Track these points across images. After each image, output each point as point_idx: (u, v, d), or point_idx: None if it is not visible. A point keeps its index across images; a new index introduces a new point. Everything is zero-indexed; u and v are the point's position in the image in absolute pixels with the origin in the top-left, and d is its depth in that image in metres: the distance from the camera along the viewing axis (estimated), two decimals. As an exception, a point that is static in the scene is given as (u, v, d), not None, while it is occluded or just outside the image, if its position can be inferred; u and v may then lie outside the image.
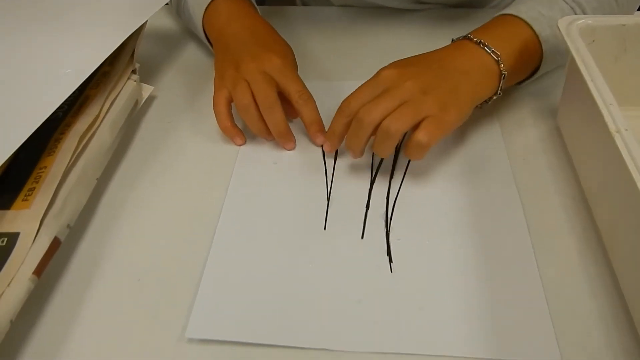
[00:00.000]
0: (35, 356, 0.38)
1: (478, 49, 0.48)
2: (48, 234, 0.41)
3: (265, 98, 0.49)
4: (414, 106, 0.44)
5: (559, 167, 0.49)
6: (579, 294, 0.40)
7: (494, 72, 0.48)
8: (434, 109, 0.43)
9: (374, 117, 0.44)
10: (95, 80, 0.54)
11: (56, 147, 0.47)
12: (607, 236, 0.41)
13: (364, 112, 0.44)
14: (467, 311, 0.39)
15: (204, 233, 0.45)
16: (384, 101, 0.44)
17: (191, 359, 0.38)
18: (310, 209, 0.47)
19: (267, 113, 0.50)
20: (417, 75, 0.46)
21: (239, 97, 0.50)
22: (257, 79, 0.49)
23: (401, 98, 0.44)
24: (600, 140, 0.40)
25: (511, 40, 0.49)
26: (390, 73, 0.46)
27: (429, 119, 0.43)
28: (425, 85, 0.45)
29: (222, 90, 0.52)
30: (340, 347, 0.38)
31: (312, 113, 0.51)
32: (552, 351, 0.36)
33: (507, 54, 0.48)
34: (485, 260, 0.42)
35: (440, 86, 0.45)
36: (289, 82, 0.51)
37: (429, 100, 0.44)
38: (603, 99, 0.38)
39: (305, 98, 0.51)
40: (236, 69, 0.51)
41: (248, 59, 0.51)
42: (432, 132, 0.43)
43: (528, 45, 0.49)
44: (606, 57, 0.46)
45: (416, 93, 0.44)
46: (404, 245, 0.44)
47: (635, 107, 0.48)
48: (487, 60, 0.48)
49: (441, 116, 0.44)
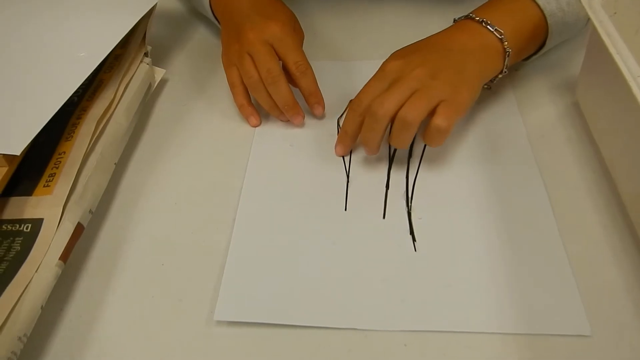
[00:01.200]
0: (65, 341, 0.38)
1: (480, 27, 0.47)
2: (71, 219, 0.41)
3: (268, 73, 0.48)
4: (427, 92, 0.43)
5: (579, 142, 0.49)
6: (605, 267, 0.40)
7: (498, 51, 0.47)
8: (446, 92, 0.43)
9: (388, 108, 0.43)
10: (108, 64, 0.53)
11: (74, 132, 0.46)
12: (634, 207, 0.41)
13: (377, 104, 0.43)
14: (494, 287, 0.39)
15: (224, 215, 0.45)
16: (396, 92, 0.43)
17: (220, 341, 0.38)
18: (330, 190, 0.47)
19: (271, 88, 0.49)
20: (423, 61, 0.45)
21: (246, 74, 0.49)
22: (259, 50, 0.49)
23: (412, 86, 0.43)
24: (627, 113, 0.40)
25: (515, 17, 0.48)
26: (395, 64, 0.46)
27: (443, 103, 0.43)
28: (433, 70, 0.44)
29: (231, 67, 0.51)
30: (368, 326, 0.38)
31: (310, 84, 0.50)
32: (581, 324, 0.37)
33: (510, 31, 0.47)
34: (509, 237, 0.42)
35: (448, 68, 0.44)
36: (287, 52, 0.50)
37: (439, 85, 0.43)
38: (630, 71, 0.38)
39: (302, 69, 0.50)
40: (238, 42, 0.50)
41: (247, 28, 0.50)
42: (449, 116, 0.42)
43: (533, 21, 0.48)
44: (627, 29, 0.45)
45: (426, 79, 0.43)
46: (426, 224, 0.44)
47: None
48: (490, 38, 0.47)
49: (455, 98, 0.43)
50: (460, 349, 0.36)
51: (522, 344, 0.36)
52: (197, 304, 0.40)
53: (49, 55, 0.48)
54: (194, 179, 0.49)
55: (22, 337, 0.34)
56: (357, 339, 0.37)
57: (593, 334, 0.36)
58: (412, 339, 0.37)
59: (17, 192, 0.42)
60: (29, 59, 0.48)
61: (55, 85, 0.45)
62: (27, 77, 0.46)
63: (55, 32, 0.50)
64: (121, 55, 0.54)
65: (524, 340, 0.36)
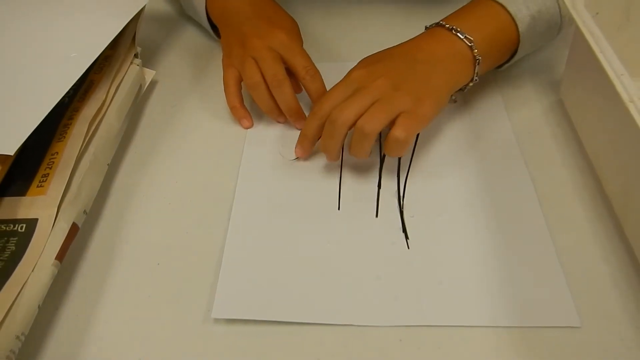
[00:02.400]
0: (62, 340, 0.38)
1: (450, 35, 0.47)
2: (66, 219, 0.40)
3: (273, 76, 0.49)
4: (387, 103, 0.43)
5: (564, 139, 0.50)
6: (592, 259, 0.41)
7: (467, 58, 0.47)
8: (407, 103, 0.43)
9: (347, 117, 0.43)
10: (98, 65, 0.53)
11: (66, 133, 0.46)
12: (619, 202, 0.42)
13: (337, 112, 0.43)
14: (486, 282, 0.40)
15: (219, 214, 0.46)
16: (356, 100, 0.44)
17: (218, 339, 0.38)
18: (323, 189, 0.47)
19: (276, 91, 0.49)
20: (386, 71, 0.45)
21: (248, 76, 0.50)
22: (265, 56, 0.49)
23: (373, 96, 0.43)
24: (610, 110, 0.41)
25: (485, 24, 0.48)
26: (360, 73, 0.46)
27: (403, 115, 0.43)
28: (396, 81, 0.44)
29: (230, 69, 0.52)
30: (363, 322, 0.38)
31: (319, 88, 0.51)
32: (571, 316, 0.38)
33: (481, 38, 0.47)
34: (499, 233, 0.43)
35: (412, 79, 0.44)
36: (295, 57, 0.50)
37: (401, 96, 0.43)
38: (614, 69, 0.39)
39: (312, 73, 0.50)
40: (242, 46, 0.51)
41: (253, 35, 0.50)
42: (408, 127, 0.42)
43: (503, 28, 0.48)
44: (609, 28, 0.46)
45: (387, 90, 0.43)
46: (418, 222, 0.45)
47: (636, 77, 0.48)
48: (459, 46, 0.47)
49: (415, 110, 0.43)
50: (455, 342, 0.37)
51: (515, 337, 0.37)
52: (193, 302, 0.40)
53: (40, 56, 0.48)
54: (187, 180, 0.49)
55: (20, 335, 0.34)
56: (353, 335, 0.38)
57: (583, 325, 0.37)
58: (407, 334, 0.38)
59: (10, 192, 0.42)
60: (20, 59, 0.47)
61: (47, 85, 0.45)
62: (18, 78, 0.46)
63: (45, 33, 0.50)
64: (111, 57, 0.54)
65: (517, 332, 0.37)
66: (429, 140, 0.50)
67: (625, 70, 0.39)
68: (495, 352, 0.36)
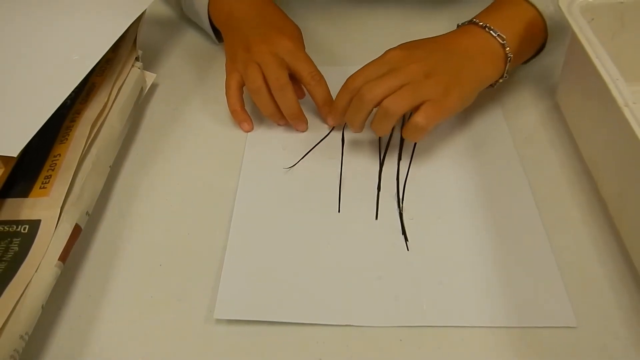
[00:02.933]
0: (65, 340, 0.39)
1: (484, 32, 0.49)
2: (69, 220, 0.41)
3: (276, 80, 0.49)
4: (415, 88, 0.44)
5: (560, 143, 0.51)
6: (588, 261, 0.42)
7: (499, 56, 0.48)
8: (435, 92, 0.44)
9: (376, 95, 0.45)
10: (99, 68, 0.54)
11: (68, 135, 0.46)
12: (614, 205, 0.43)
13: (367, 89, 0.45)
14: (484, 283, 0.41)
15: (220, 216, 0.46)
16: (387, 80, 0.45)
17: (220, 339, 0.38)
18: (323, 192, 0.48)
19: (279, 95, 0.50)
20: (422, 58, 0.46)
21: (251, 79, 0.50)
22: (269, 61, 0.50)
23: (404, 79, 0.45)
24: (606, 114, 0.42)
25: (516, 22, 0.49)
26: (396, 54, 0.47)
27: (429, 103, 0.44)
28: (429, 69, 0.45)
29: (233, 73, 0.52)
30: (364, 323, 0.39)
31: (324, 93, 0.52)
32: (567, 316, 0.38)
33: (512, 36, 0.48)
34: (497, 235, 0.44)
35: (444, 70, 0.46)
36: (300, 63, 0.51)
37: (430, 84, 0.44)
38: (610, 74, 0.40)
39: (317, 79, 0.51)
40: (247, 51, 0.51)
41: (259, 40, 0.51)
42: (430, 116, 0.44)
43: (533, 25, 0.50)
44: (604, 34, 0.47)
45: (419, 76, 0.45)
46: (418, 224, 0.45)
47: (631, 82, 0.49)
48: (492, 44, 0.48)
49: (442, 100, 0.44)
50: (455, 342, 0.38)
51: (513, 337, 0.38)
52: (196, 303, 0.40)
53: (42, 58, 0.48)
54: (188, 182, 0.49)
55: (24, 335, 0.35)
56: (355, 335, 0.38)
57: (579, 325, 0.38)
58: (408, 334, 0.38)
59: (13, 193, 0.42)
60: (23, 61, 0.48)
61: (49, 88, 0.46)
62: (21, 80, 0.46)
63: (48, 36, 0.50)
64: (112, 59, 0.54)
65: (515, 332, 0.38)
66: (428, 144, 0.51)
67: (620, 75, 0.40)
68: (494, 351, 0.37)
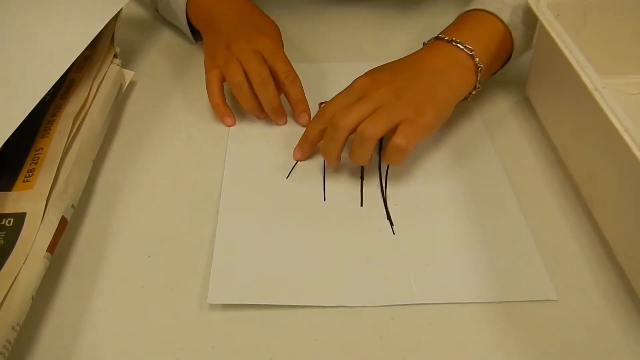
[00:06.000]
0: (56, 331, 0.38)
1: (451, 46, 0.49)
2: (55, 213, 0.40)
3: (258, 75, 0.50)
4: (388, 110, 0.44)
5: (532, 132, 0.53)
6: (564, 239, 0.44)
7: (470, 67, 0.49)
8: (408, 112, 0.44)
9: (349, 122, 0.44)
10: (78, 64, 0.53)
11: (50, 129, 0.46)
12: (585, 187, 0.45)
13: (339, 116, 0.44)
14: (469, 263, 0.42)
15: (207, 208, 0.46)
16: (359, 106, 0.45)
17: (214, 325, 0.39)
18: (307, 182, 0.49)
19: (260, 89, 0.51)
20: (390, 81, 0.46)
21: (232, 74, 0.51)
22: (250, 57, 0.51)
23: (375, 103, 0.45)
24: (576, 100, 0.45)
25: (482, 34, 0.50)
26: (363, 81, 0.47)
27: (405, 123, 0.44)
28: (399, 90, 0.45)
29: (213, 69, 0.53)
30: (357, 303, 0.40)
31: (298, 92, 0.53)
32: (548, 290, 0.40)
33: (480, 47, 0.49)
34: (478, 217, 0.45)
35: (414, 89, 0.46)
36: (278, 63, 0.52)
37: (403, 104, 0.44)
38: (579, 62, 0.42)
39: (291, 78, 0.52)
40: (227, 49, 0.52)
41: (240, 39, 0.52)
42: (409, 135, 0.43)
43: (499, 36, 0.51)
44: (569, 30, 0.50)
45: (390, 98, 0.45)
46: (402, 210, 0.46)
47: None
48: (461, 56, 0.49)
49: (417, 119, 0.44)
50: (444, 318, 0.39)
51: (499, 311, 0.39)
52: (187, 291, 0.40)
53: (20, 55, 0.48)
54: (172, 175, 0.49)
55: (15, 326, 0.34)
56: (348, 316, 0.39)
57: (559, 298, 0.40)
58: (399, 312, 0.39)
59: (-4, 187, 0.41)
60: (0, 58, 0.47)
61: (28, 84, 0.45)
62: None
63: (26, 33, 0.50)
64: (90, 56, 0.54)
65: (500, 307, 0.39)
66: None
67: (588, 63, 0.42)
68: (481, 325, 0.38)
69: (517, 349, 0.37)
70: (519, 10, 0.51)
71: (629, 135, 0.37)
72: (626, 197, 0.39)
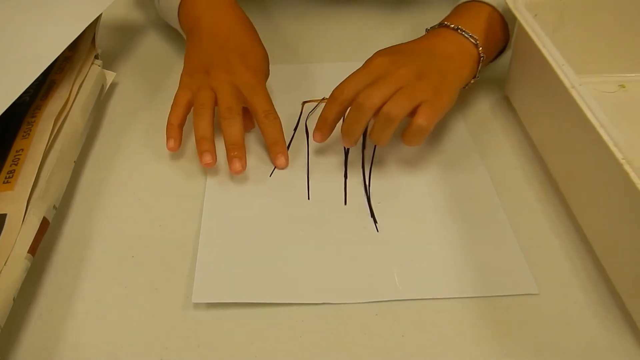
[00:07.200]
0: (38, 334, 0.38)
1: (457, 34, 0.50)
2: (37, 214, 0.40)
3: (228, 108, 0.48)
4: (411, 91, 0.44)
5: (511, 130, 0.54)
6: (544, 234, 0.45)
7: (474, 56, 0.50)
8: (428, 93, 0.45)
9: (375, 102, 0.44)
10: (58, 65, 0.53)
11: (30, 130, 0.45)
12: (564, 183, 0.46)
13: (365, 96, 0.44)
14: (451, 258, 0.43)
15: (190, 207, 0.46)
16: (382, 87, 0.44)
17: (198, 324, 0.38)
18: (291, 181, 0.49)
19: (227, 122, 0.47)
20: (408, 62, 0.46)
21: (200, 98, 0.49)
22: (225, 89, 0.49)
23: (397, 84, 0.45)
24: (554, 98, 0.45)
25: (482, 24, 0.51)
26: (382, 60, 0.47)
27: (425, 104, 0.44)
28: (418, 71, 0.46)
29: (185, 90, 0.50)
30: (342, 300, 0.40)
31: (277, 133, 0.50)
32: (529, 284, 0.41)
33: (481, 37, 0.50)
34: (460, 214, 0.46)
35: (432, 72, 0.46)
36: (257, 100, 0.49)
37: (423, 86, 0.45)
38: (556, 60, 0.43)
39: (271, 118, 0.49)
40: (205, 74, 0.50)
41: (219, 68, 0.50)
42: (430, 116, 0.44)
43: (496, 27, 0.52)
44: (546, 29, 0.51)
45: (411, 79, 0.45)
46: (385, 207, 0.47)
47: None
48: (467, 44, 0.50)
49: (435, 100, 0.45)
50: (427, 313, 0.39)
51: (481, 305, 0.40)
52: (172, 291, 0.40)
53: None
54: (155, 175, 0.49)
55: (-3, 328, 0.33)
56: (333, 312, 0.39)
57: (540, 292, 0.40)
58: (383, 308, 0.40)
59: (-25, 189, 0.41)
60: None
61: (5, 83, 0.45)
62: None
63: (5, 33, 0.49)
64: (71, 57, 0.54)
65: (482, 301, 0.40)
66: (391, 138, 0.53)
67: (565, 62, 0.43)
68: (464, 319, 0.39)
69: (499, 342, 0.38)
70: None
71: (605, 131, 0.37)
72: (603, 192, 0.40)
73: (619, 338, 0.38)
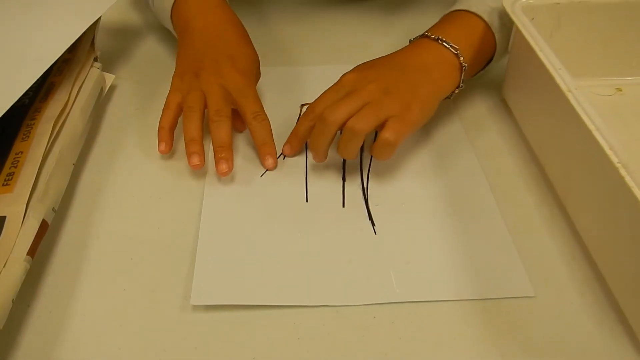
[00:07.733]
0: (37, 336, 0.38)
1: (437, 45, 0.50)
2: (36, 216, 0.40)
3: (217, 111, 0.48)
4: (377, 106, 0.45)
5: (508, 132, 0.54)
6: (540, 237, 0.45)
7: (454, 66, 0.50)
8: (396, 108, 0.45)
9: (338, 117, 0.45)
10: (57, 67, 0.53)
11: (30, 133, 0.46)
12: (561, 184, 0.46)
13: (328, 112, 0.45)
14: (448, 261, 0.43)
15: (188, 210, 0.46)
16: (348, 102, 0.45)
17: (196, 326, 0.39)
18: (289, 184, 0.49)
19: (215, 125, 0.48)
20: (378, 77, 0.47)
21: (190, 101, 0.49)
22: (214, 91, 0.49)
23: (364, 99, 0.45)
24: (550, 102, 0.46)
25: (467, 34, 0.51)
26: (351, 77, 0.48)
27: (393, 118, 0.44)
28: (387, 86, 0.46)
29: (176, 93, 0.51)
30: (339, 302, 0.40)
31: (265, 135, 0.50)
32: (525, 287, 0.41)
33: (465, 46, 0.50)
34: (457, 216, 0.46)
35: (401, 86, 0.47)
36: (247, 102, 0.50)
37: (391, 100, 0.45)
38: (552, 64, 0.44)
39: (260, 119, 0.50)
40: (195, 76, 0.51)
41: (209, 70, 0.50)
42: (397, 131, 0.44)
43: (483, 37, 0.52)
44: (543, 33, 0.51)
45: (378, 94, 0.45)
46: (383, 210, 0.47)
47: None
48: (446, 54, 0.50)
49: (404, 115, 0.45)
50: (425, 316, 0.40)
51: (478, 308, 0.40)
52: (170, 293, 0.40)
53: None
54: (154, 177, 0.49)
55: (-4, 330, 0.34)
56: (330, 315, 0.39)
57: (536, 295, 0.41)
58: (381, 311, 0.40)
59: (-26, 191, 0.41)
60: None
61: (4, 85, 0.45)
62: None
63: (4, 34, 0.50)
64: (70, 60, 0.54)
65: (479, 304, 0.40)
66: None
67: (562, 65, 0.44)
68: (461, 322, 0.39)
69: (496, 344, 0.38)
70: (502, 13, 0.53)
71: (601, 135, 0.38)
72: (599, 195, 0.40)
73: (615, 340, 0.38)
